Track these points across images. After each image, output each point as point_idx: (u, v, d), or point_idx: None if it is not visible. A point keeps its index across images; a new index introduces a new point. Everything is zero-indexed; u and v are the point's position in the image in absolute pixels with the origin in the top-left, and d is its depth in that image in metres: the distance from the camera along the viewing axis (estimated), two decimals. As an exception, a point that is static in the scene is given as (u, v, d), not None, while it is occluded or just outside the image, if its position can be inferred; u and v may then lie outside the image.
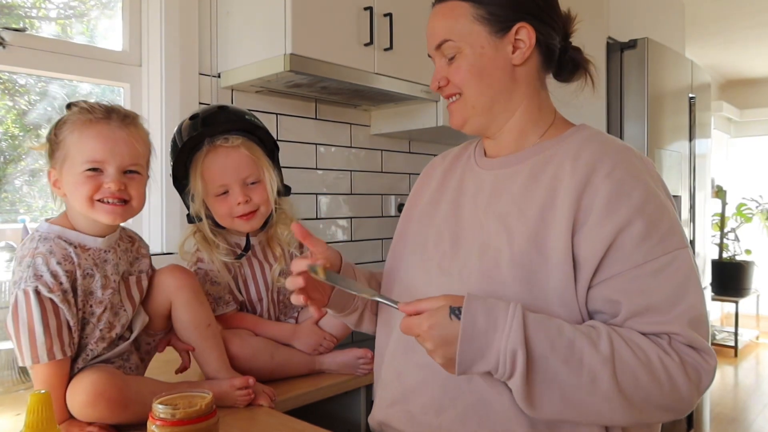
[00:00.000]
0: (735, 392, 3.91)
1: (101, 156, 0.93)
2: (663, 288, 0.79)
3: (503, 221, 0.87)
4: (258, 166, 1.25)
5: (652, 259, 0.79)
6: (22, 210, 1.54)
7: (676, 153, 2.45)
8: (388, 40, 1.74)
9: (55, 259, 0.91)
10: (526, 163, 0.91)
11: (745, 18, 3.77)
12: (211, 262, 1.24)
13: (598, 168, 0.83)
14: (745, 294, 4.75)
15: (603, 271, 0.80)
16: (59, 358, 0.89)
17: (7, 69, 1.47)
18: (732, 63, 4.99)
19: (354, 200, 2.19)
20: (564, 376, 0.74)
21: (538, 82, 0.94)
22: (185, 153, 1.23)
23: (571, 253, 0.81)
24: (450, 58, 0.92)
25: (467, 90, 0.92)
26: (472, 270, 0.87)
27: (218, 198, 1.23)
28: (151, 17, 1.67)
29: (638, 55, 2.24)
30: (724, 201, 5.02)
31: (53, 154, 0.96)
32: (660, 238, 0.80)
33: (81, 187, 0.93)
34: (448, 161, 1.08)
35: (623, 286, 0.79)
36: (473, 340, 0.74)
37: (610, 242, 0.79)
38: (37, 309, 0.87)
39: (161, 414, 0.73)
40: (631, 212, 0.80)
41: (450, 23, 0.91)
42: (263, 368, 1.17)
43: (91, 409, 0.88)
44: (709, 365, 0.78)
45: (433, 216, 1.00)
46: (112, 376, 0.91)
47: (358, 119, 2.18)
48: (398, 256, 1.04)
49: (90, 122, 0.94)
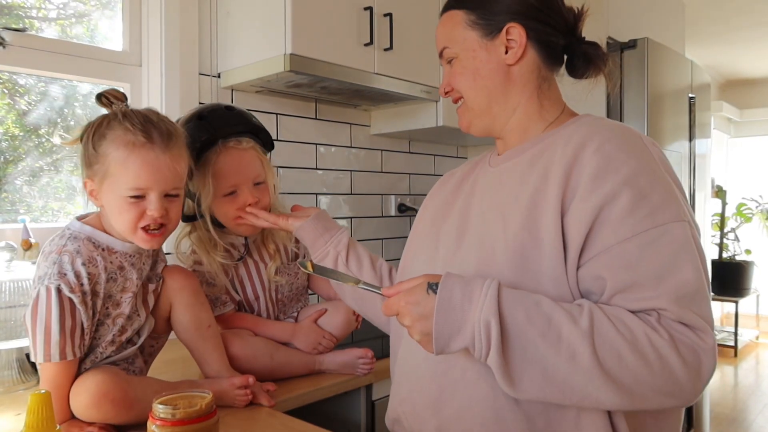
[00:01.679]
0: (735, 392, 3.91)
1: (146, 184, 0.93)
2: (650, 262, 0.75)
3: (500, 211, 0.87)
4: (264, 167, 1.26)
5: (640, 233, 0.75)
6: (22, 210, 1.54)
7: (676, 153, 2.45)
8: (388, 40, 1.74)
9: (80, 260, 0.91)
10: (525, 155, 0.92)
11: (745, 18, 3.77)
12: (208, 264, 1.24)
13: (587, 145, 0.82)
14: (745, 294, 4.76)
15: (590, 248, 0.78)
16: (70, 358, 0.89)
17: (7, 69, 1.48)
18: (732, 63, 4.99)
19: (354, 200, 2.19)
20: (543, 351, 0.71)
21: (538, 78, 0.94)
22: (194, 153, 1.21)
23: (561, 233, 0.79)
24: (449, 63, 0.97)
25: (466, 93, 0.96)
26: (471, 261, 0.87)
27: (226, 198, 1.21)
28: (151, 17, 1.67)
29: (638, 55, 2.24)
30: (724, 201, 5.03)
31: (90, 165, 0.94)
32: (649, 210, 0.76)
33: (125, 213, 0.93)
34: (466, 168, 1.09)
35: (609, 261, 0.76)
36: (449, 313, 0.73)
37: (594, 217, 0.77)
38: (57, 307, 0.88)
39: (161, 414, 0.73)
40: (616, 185, 0.77)
41: (448, 31, 0.96)
42: (263, 368, 1.17)
43: (95, 410, 0.88)
44: (706, 344, 0.73)
45: (445, 216, 1.01)
46: (115, 376, 0.91)
47: (358, 119, 2.18)
48: (410, 256, 1.06)
49: (134, 145, 0.92)
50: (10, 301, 1.14)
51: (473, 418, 0.83)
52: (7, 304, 1.14)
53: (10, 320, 1.14)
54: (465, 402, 0.84)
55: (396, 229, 2.34)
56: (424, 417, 0.88)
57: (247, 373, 1.09)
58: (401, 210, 2.33)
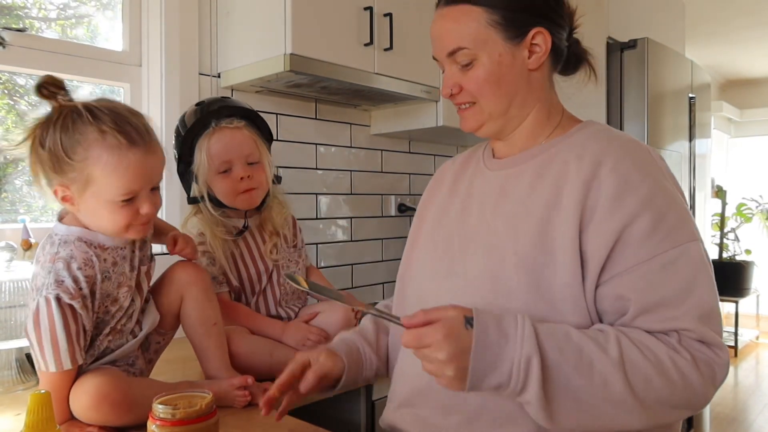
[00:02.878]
0: (735, 392, 3.91)
1: (137, 186, 0.91)
2: (672, 282, 0.77)
3: (509, 221, 0.86)
4: (258, 148, 1.33)
5: (660, 253, 0.77)
6: (22, 210, 1.54)
7: (676, 153, 2.45)
8: (388, 40, 1.74)
9: (76, 264, 0.90)
10: (532, 162, 0.91)
11: (745, 18, 3.77)
12: (210, 238, 1.30)
13: (603, 163, 0.82)
14: (745, 294, 4.75)
15: (611, 268, 0.79)
16: (80, 362, 0.89)
17: (7, 69, 1.48)
18: (732, 63, 4.99)
19: (354, 200, 2.19)
20: (577, 382, 0.72)
21: (548, 82, 0.94)
22: (192, 135, 1.30)
23: (579, 250, 0.79)
24: (464, 65, 0.89)
25: (484, 98, 0.90)
26: (479, 271, 0.86)
27: (221, 175, 1.29)
28: (151, 17, 1.67)
29: (638, 55, 2.24)
30: (724, 201, 5.02)
31: (63, 172, 0.87)
32: (668, 231, 0.78)
33: (116, 216, 0.91)
34: (458, 165, 1.07)
35: (631, 282, 0.78)
36: (486, 350, 0.71)
37: (616, 238, 0.78)
38: (59, 317, 0.86)
39: (161, 414, 0.73)
40: (637, 206, 0.78)
41: (462, 29, 0.88)
42: (262, 365, 1.18)
43: (95, 412, 0.88)
44: (721, 359, 0.77)
45: (443, 220, 0.99)
46: (115, 378, 0.91)
47: (358, 119, 2.18)
48: (410, 261, 1.04)
49: (119, 150, 0.87)
50: (10, 301, 1.14)
51: (485, 423, 0.83)
52: (7, 304, 1.13)
53: (10, 320, 1.14)
54: (476, 407, 0.83)
55: (396, 229, 2.34)
56: (429, 422, 0.88)
57: (246, 369, 1.10)
58: (401, 210, 2.33)
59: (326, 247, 2.09)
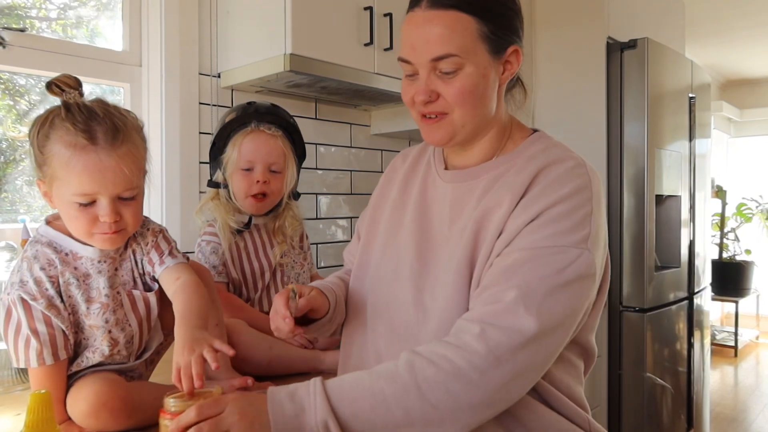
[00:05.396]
0: (735, 392, 3.91)
1: (91, 189, 0.86)
2: (527, 272, 0.78)
3: (463, 235, 0.88)
4: (285, 159, 1.40)
5: (539, 247, 0.80)
6: (22, 210, 1.54)
7: (676, 153, 2.45)
8: (388, 40, 1.74)
9: (38, 265, 0.89)
10: (482, 178, 0.92)
11: (745, 18, 3.77)
12: (221, 222, 1.36)
13: (536, 180, 0.85)
14: (745, 294, 4.75)
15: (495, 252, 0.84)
16: (49, 363, 0.88)
17: (7, 69, 1.48)
18: (732, 63, 4.99)
19: (354, 200, 2.18)
20: (380, 421, 0.73)
21: (504, 96, 0.96)
22: (230, 128, 1.38)
23: None
24: (446, 73, 0.85)
25: (461, 109, 0.87)
26: (443, 285, 0.88)
27: (242, 172, 1.36)
28: (151, 17, 1.67)
29: (638, 55, 2.24)
30: (724, 201, 5.02)
31: (40, 166, 0.88)
32: (555, 231, 0.80)
33: (75, 220, 0.89)
34: (408, 164, 1.06)
35: (497, 265, 0.82)
36: (286, 426, 0.72)
37: (517, 232, 0.82)
38: (24, 316, 0.87)
39: (173, 408, 0.73)
40: (542, 208, 0.82)
41: (455, 36, 0.83)
42: (262, 359, 1.18)
43: (93, 419, 0.87)
44: (514, 341, 0.74)
45: (399, 227, 0.99)
46: (113, 384, 0.90)
47: (358, 119, 2.18)
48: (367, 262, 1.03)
49: (75, 148, 0.84)
50: (9, 301, 1.14)
51: None
52: (6, 304, 1.13)
53: (10, 320, 1.13)
54: None
55: (396, 229, 2.34)
56: None
57: (245, 362, 1.10)
58: (401, 210, 2.33)
59: (326, 247, 2.09)
